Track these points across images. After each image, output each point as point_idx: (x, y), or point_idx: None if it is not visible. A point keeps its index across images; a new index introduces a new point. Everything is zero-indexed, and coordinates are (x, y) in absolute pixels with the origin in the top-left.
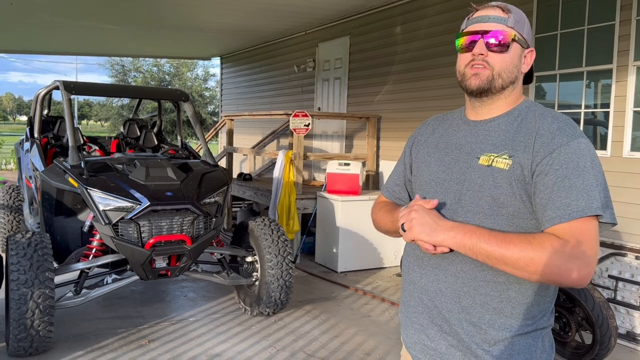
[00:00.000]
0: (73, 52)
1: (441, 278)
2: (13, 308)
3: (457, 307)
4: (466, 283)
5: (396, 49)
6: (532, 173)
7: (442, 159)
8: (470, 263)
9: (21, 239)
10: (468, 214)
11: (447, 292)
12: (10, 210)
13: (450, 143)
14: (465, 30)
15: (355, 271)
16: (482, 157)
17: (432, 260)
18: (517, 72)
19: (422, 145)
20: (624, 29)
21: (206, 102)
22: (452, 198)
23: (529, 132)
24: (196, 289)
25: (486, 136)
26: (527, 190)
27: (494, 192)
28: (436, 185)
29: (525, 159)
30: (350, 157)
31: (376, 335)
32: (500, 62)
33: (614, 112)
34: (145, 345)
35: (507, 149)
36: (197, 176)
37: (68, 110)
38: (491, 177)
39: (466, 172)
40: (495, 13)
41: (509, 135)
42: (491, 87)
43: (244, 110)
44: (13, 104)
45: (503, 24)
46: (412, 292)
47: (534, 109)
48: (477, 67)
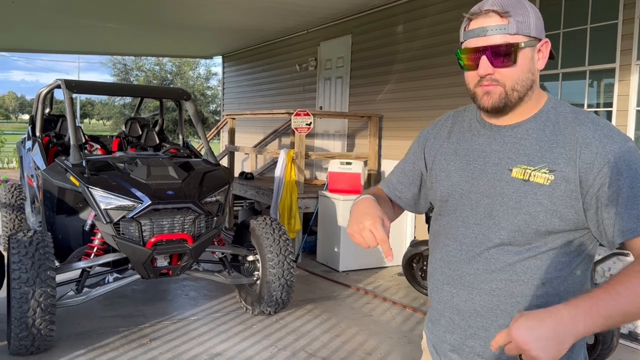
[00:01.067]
0: (75, 51)
1: (475, 298)
2: (14, 307)
3: (494, 326)
4: (503, 301)
5: (398, 48)
6: (587, 187)
7: (464, 168)
8: (506, 280)
9: (23, 238)
10: (502, 231)
11: (482, 312)
12: (12, 209)
13: (471, 150)
14: (464, 46)
15: (356, 270)
16: (516, 170)
17: (464, 278)
18: (532, 75)
19: (438, 151)
20: (627, 27)
21: (208, 101)
22: (482, 213)
23: (570, 142)
24: (197, 288)
25: (515, 144)
26: (573, 207)
27: (533, 209)
28: (461, 198)
29: (571, 172)
30: (352, 156)
31: (377, 334)
32: (511, 76)
33: (617, 111)
34: (146, 344)
35: (546, 162)
36: (198, 175)
37: (70, 109)
38: (530, 193)
39: (497, 185)
40: (492, 22)
41: (545, 146)
42: (507, 102)
43: (245, 109)
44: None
45: (505, 33)
46: (442, 312)
47: (562, 110)
48: (487, 87)
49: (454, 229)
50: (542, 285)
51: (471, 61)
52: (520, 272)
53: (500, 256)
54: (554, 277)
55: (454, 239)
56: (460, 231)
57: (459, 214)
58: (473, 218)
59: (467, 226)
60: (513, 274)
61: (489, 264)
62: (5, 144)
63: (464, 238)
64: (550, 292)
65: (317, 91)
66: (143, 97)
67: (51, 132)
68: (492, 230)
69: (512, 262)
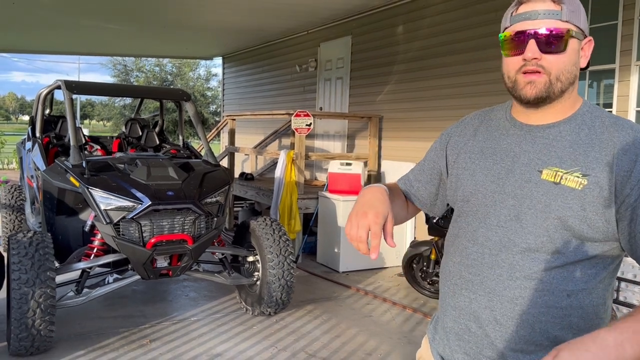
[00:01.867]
0: (75, 51)
1: (496, 305)
2: (14, 307)
3: (514, 337)
4: (525, 310)
5: (398, 48)
6: (623, 196)
7: (490, 167)
8: (530, 288)
9: (23, 238)
10: (529, 235)
11: (502, 321)
12: (12, 210)
13: (498, 149)
14: (509, 28)
15: (356, 271)
16: (546, 172)
17: (485, 284)
18: (576, 70)
19: (462, 149)
20: (627, 28)
21: (208, 102)
22: (507, 215)
23: (606, 147)
24: (197, 289)
25: (547, 146)
26: (604, 214)
27: (563, 214)
28: (484, 198)
29: (605, 178)
30: (352, 157)
31: (378, 335)
32: (557, 64)
33: (617, 111)
34: (146, 344)
35: (579, 165)
36: (198, 176)
37: (70, 110)
38: (560, 196)
39: (525, 186)
40: (545, 6)
41: (579, 149)
42: (550, 94)
43: (245, 110)
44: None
45: (556, 18)
46: (456, 319)
47: (599, 114)
48: (531, 74)
49: (475, 231)
50: (567, 297)
51: (517, 45)
52: (546, 281)
53: (526, 263)
54: (580, 290)
55: (474, 241)
56: (481, 233)
57: (481, 215)
58: (496, 220)
59: (489, 228)
60: (538, 282)
61: (513, 270)
62: (5, 145)
63: (486, 241)
64: (575, 305)
65: (317, 92)
66: (143, 98)
67: (51, 133)
68: (518, 234)
69: (537, 270)
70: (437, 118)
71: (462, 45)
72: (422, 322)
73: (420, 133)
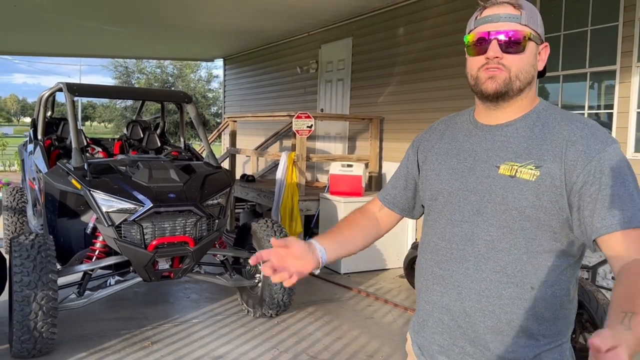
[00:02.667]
0: (77, 53)
1: (465, 297)
2: (16, 310)
3: (482, 327)
4: (491, 302)
5: (399, 50)
6: (571, 184)
7: (454, 166)
8: (496, 281)
9: (24, 241)
10: (491, 227)
11: (471, 313)
12: (14, 212)
13: (462, 149)
14: (474, 31)
15: (358, 273)
16: (503, 167)
17: (454, 278)
18: (534, 71)
19: (429, 151)
20: (628, 29)
21: (209, 104)
22: (470, 210)
23: (557, 140)
24: (199, 291)
25: (505, 143)
26: (557, 203)
27: (519, 205)
28: (449, 196)
29: (556, 168)
30: (353, 158)
31: (379, 336)
32: (517, 63)
33: (618, 113)
34: (148, 346)
35: (533, 158)
36: (200, 178)
37: (71, 112)
38: (516, 188)
39: (484, 182)
40: (506, 11)
41: (533, 143)
42: (509, 90)
43: (247, 112)
44: (17, 105)
45: (517, 21)
46: (430, 312)
47: (552, 111)
48: (492, 70)
49: (442, 227)
50: (532, 289)
51: (480, 45)
52: (511, 274)
53: (491, 256)
54: (543, 282)
55: (442, 237)
56: (448, 229)
57: (447, 212)
58: (461, 215)
59: (455, 224)
60: (503, 275)
61: (479, 264)
62: (7, 147)
63: (453, 236)
64: (538, 297)
65: (318, 93)
66: (144, 99)
67: (53, 135)
68: (480, 228)
69: (502, 263)
70: (439, 119)
71: (463, 47)
72: None
73: None
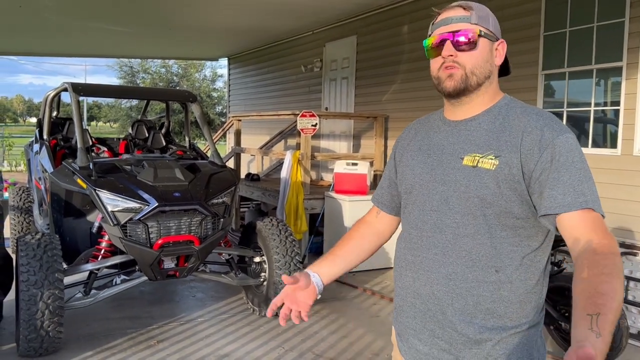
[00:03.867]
0: (82, 54)
1: (434, 281)
2: (23, 309)
3: (450, 309)
4: (458, 285)
5: (403, 48)
6: (529, 172)
7: (425, 161)
8: (462, 265)
9: (31, 240)
10: (456, 215)
11: (439, 295)
12: (21, 212)
13: (432, 145)
14: (432, 35)
15: (363, 271)
16: (466, 158)
17: (424, 263)
18: (490, 66)
19: (405, 149)
20: (634, 25)
21: (214, 103)
22: (439, 200)
23: (515, 131)
24: (205, 290)
25: (468, 136)
26: (516, 190)
27: (481, 193)
28: (421, 188)
29: (513, 158)
30: (358, 157)
31: (385, 335)
32: (470, 59)
33: (624, 110)
34: (154, 345)
35: (492, 149)
36: (205, 177)
37: (77, 112)
38: (477, 177)
39: (450, 173)
40: (457, 13)
41: (493, 135)
42: (467, 85)
43: (251, 111)
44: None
45: (467, 22)
46: (404, 297)
47: (514, 105)
48: (449, 69)
49: (415, 217)
50: (496, 272)
51: (437, 47)
52: (475, 258)
53: (457, 241)
54: (507, 265)
55: (415, 226)
56: (420, 218)
57: (419, 203)
58: (430, 205)
59: (425, 213)
60: (468, 259)
61: (446, 249)
62: (13, 147)
63: (423, 225)
64: (503, 280)
65: (322, 92)
66: (149, 99)
67: (58, 135)
68: (447, 216)
69: (467, 248)
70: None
71: None
72: None
73: None
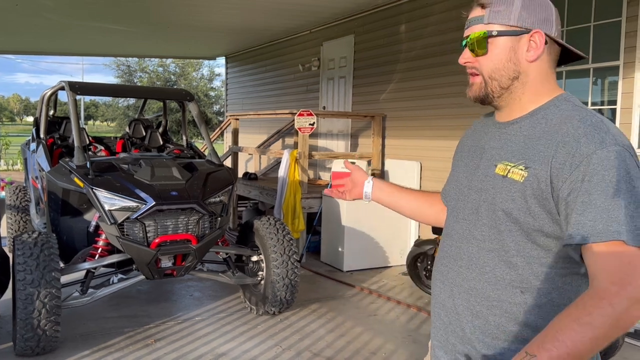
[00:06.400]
0: (79, 52)
1: (456, 295)
2: (20, 308)
3: (469, 326)
4: (479, 302)
5: (401, 47)
6: (557, 190)
7: (467, 164)
8: (484, 281)
9: (28, 239)
10: (484, 227)
11: (460, 310)
12: (17, 211)
13: (478, 147)
14: None
15: (361, 270)
16: (499, 166)
17: (450, 274)
18: (516, 65)
19: (460, 150)
20: (631, 25)
21: (212, 102)
22: (470, 208)
23: (551, 140)
24: (202, 289)
25: (507, 141)
26: (545, 207)
27: (506, 206)
28: (457, 193)
29: (543, 171)
30: (356, 155)
31: (382, 334)
32: (487, 63)
33: (621, 109)
34: (151, 344)
35: (524, 158)
36: (202, 176)
37: (74, 111)
38: (505, 189)
39: (484, 180)
40: (474, 14)
41: (530, 143)
42: (487, 92)
43: (249, 110)
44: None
45: (480, 23)
46: (433, 308)
47: (563, 107)
48: (470, 77)
49: (449, 226)
50: (521, 294)
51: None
52: (499, 275)
53: (481, 255)
54: (535, 287)
55: (447, 234)
56: (452, 227)
57: (453, 210)
58: (462, 213)
59: (457, 221)
60: (491, 276)
61: (471, 263)
62: (10, 146)
63: (454, 234)
64: (530, 303)
65: (320, 91)
66: (147, 98)
67: (55, 133)
68: (476, 227)
69: (492, 264)
70: (441, 116)
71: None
72: (427, 320)
73: (424, 132)
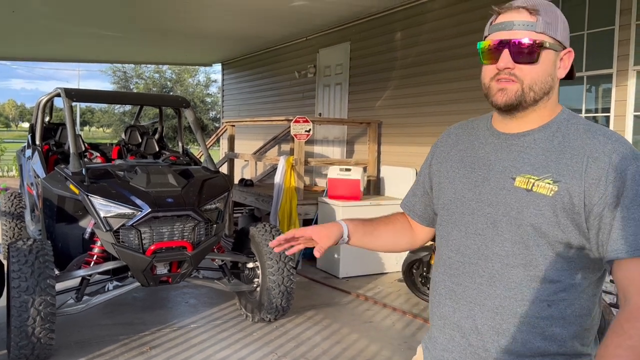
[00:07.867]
0: (75, 59)
1: (477, 315)
2: (14, 315)
3: (493, 347)
4: (506, 320)
5: (397, 54)
6: (591, 205)
7: (467, 175)
8: (511, 298)
9: (22, 246)
10: (506, 242)
11: (483, 331)
12: (12, 217)
13: (477, 158)
14: (487, 38)
15: (356, 277)
16: (519, 179)
17: (466, 293)
18: (552, 81)
19: (444, 158)
20: (624, 33)
21: (208, 108)
22: (484, 222)
23: (578, 154)
24: (197, 296)
25: (522, 153)
26: (574, 220)
27: (535, 221)
28: (462, 206)
29: (576, 185)
30: (351, 162)
31: (378, 340)
32: (530, 74)
33: (615, 116)
34: (146, 352)
35: (551, 172)
36: (198, 182)
37: (69, 118)
38: (532, 203)
39: (499, 193)
40: (521, 17)
41: (552, 156)
42: (521, 102)
43: (245, 116)
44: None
45: (531, 29)
46: (442, 328)
47: (575, 121)
48: (504, 82)
49: (455, 240)
50: (548, 307)
51: (493, 54)
52: (526, 291)
53: (505, 272)
54: (561, 300)
55: (456, 250)
56: (461, 242)
57: (460, 224)
58: (474, 228)
59: (468, 236)
60: (518, 292)
61: (493, 280)
62: (5, 153)
63: (465, 249)
64: (556, 315)
65: (316, 98)
66: (143, 104)
67: (51, 140)
68: (495, 242)
69: (517, 279)
70: (436, 123)
71: (460, 51)
72: (423, 327)
73: (419, 138)
